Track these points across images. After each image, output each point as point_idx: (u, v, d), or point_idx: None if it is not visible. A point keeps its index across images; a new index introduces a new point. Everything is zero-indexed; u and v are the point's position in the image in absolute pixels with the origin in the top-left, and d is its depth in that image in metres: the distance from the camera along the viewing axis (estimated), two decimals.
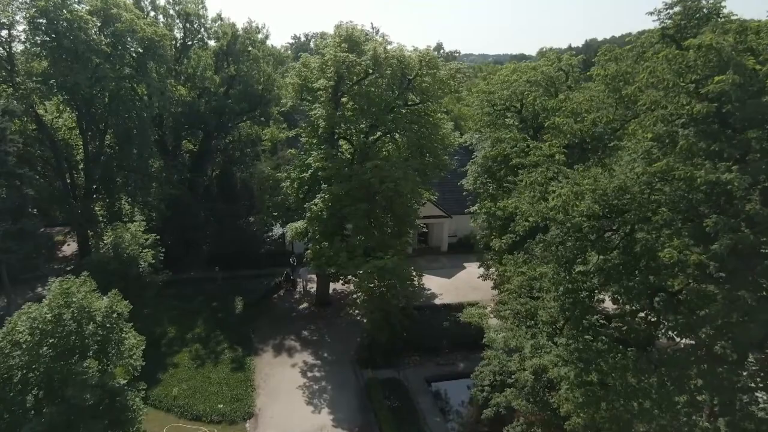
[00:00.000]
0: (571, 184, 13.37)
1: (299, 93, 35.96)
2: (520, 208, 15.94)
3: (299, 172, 34.53)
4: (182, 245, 43.39)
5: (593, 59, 32.86)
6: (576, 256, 13.75)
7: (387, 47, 32.31)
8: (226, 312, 36.53)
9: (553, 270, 13.54)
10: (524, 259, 16.17)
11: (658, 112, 12.10)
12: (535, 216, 14.55)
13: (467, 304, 36.93)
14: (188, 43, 46.90)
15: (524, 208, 15.58)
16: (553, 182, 14.80)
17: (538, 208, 14.40)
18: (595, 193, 12.95)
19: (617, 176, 12.79)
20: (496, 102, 33.48)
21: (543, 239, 14.75)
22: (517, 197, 18.07)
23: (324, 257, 30.26)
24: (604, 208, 13.05)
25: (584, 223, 12.96)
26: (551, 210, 13.61)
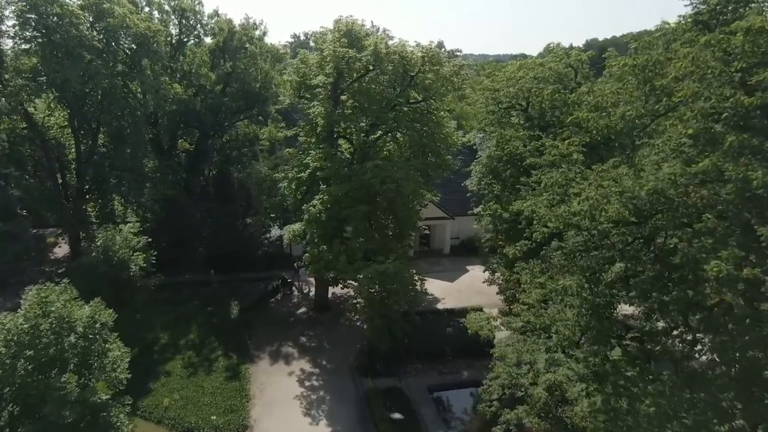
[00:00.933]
0: (596, 187, 12.07)
1: (297, 91, 34.72)
2: (537, 212, 14.61)
3: (297, 172, 33.29)
4: (177, 247, 42.14)
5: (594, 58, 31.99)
6: (602, 267, 12.47)
7: (388, 42, 31.11)
8: (222, 317, 35.28)
9: (577, 283, 12.27)
10: (541, 269, 14.90)
11: (697, 105, 10.81)
12: (556, 221, 13.22)
13: (471, 309, 35.68)
14: (184, 39, 45.68)
15: (542, 212, 14.26)
16: (573, 184, 13.56)
17: (558, 213, 13.08)
18: (623, 197, 11.66)
19: (649, 177, 11.49)
20: (501, 100, 32.28)
21: (562, 247, 13.46)
22: (532, 200, 16.79)
23: (323, 261, 29.02)
24: (634, 213, 11.77)
25: (612, 230, 11.67)
26: (575, 215, 12.28)
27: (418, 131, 32.56)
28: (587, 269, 12.45)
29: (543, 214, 14.10)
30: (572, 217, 12.54)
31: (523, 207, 15.70)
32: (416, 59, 31.06)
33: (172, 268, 39.85)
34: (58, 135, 41.62)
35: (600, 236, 11.96)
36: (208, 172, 50.41)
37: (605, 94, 12.85)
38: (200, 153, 47.79)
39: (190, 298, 37.48)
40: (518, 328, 15.30)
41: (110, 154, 40.67)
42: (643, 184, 11.26)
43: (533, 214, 14.66)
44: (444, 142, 33.89)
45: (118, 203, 41.36)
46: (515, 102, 32.41)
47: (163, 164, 43.18)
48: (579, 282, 12.14)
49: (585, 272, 12.51)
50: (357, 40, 31.57)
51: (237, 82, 44.80)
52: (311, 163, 31.10)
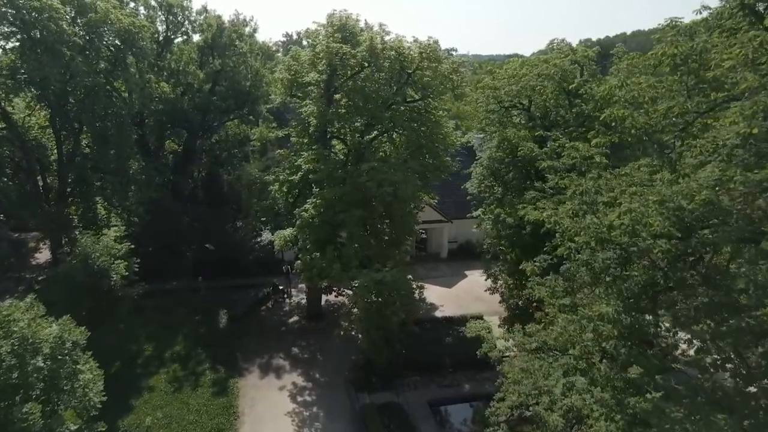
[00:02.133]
0: (639, 196, 10.47)
1: (289, 89, 33.04)
2: (561, 223, 12.97)
3: (288, 175, 31.62)
4: (164, 252, 40.43)
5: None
6: (645, 291, 10.90)
7: (384, 38, 29.55)
8: (210, 326, 33.60)
9: (615, 309, 10.65)
10: (565, 288, 13.24)
11: (760, 100, 9.30)
12: (586, 236, 11.57)
13: (471, 318, 34.08)
14: (171, 36, 43.95)
15: (566, 223, 12.63)
16: (603, 192, 11.96)
17: (588, 226, 11.43)
18: (664, 206, 10.09)
19: (693, 184, 9.92)
20: (502, 98, 30.79)
21: (589, 263, 11.81)
22: (550, 207, 15.14)
23: (315, 268, 27.35)
24: (678, 227, 10.23)
25: (657, 247, 10.09)
26: (612, 229, 10.63)
27: (416, 131, 31.03)
28: (626, 293, 10.86)
29: (568, 226, 12.46)
30: (607, 231, 10.90)
31: (542, 217, 14.05)
32: (413, 56, 29.51)
33: (159, 275, 38.19)
34: (39, 135, 39.78)
35: (640, 253, 10.38)
36: (197, 173, 48.74)
37: (642, 88, 11.33)
38: (188, 154, 46.11)
39: (177, 306, 35.71)
40: (533, 350, 13.82)
41: (93, 155, 38.93)
42: (694, 193, 9.71)
43: (556, 226, 13.03)
44: (442, 142, 32.35)
45: (102, 206, 39.52)
46: (517, 101, 30.95)
47: (149, 166, 41.42)
48: (616, 309, 10.52)
49: (623, 296, 10.91)
50: (351, 35, 29.98)
51: (226, 81, 43.17)
52: (303, 165, 29.44)
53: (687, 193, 9.78)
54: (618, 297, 10.50)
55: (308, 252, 28.15)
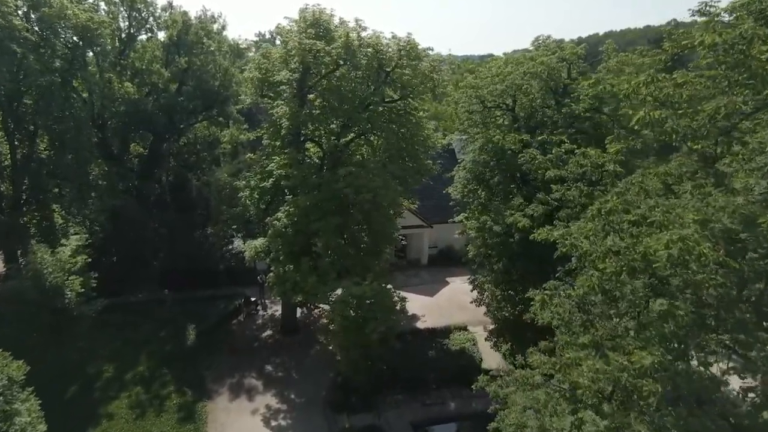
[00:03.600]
0: (676, 215, 8.74)
1: (260, 89, 30.97)
2: (578, 246, 11.11)
3: (259, 180, 29.55)
4: (128, 263, 37.99)
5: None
6: (694, 334, 9.16)
7: (361, 34, 27.69)
8: (176, 343, 31.32)
9: (659, 360, 8.86)
10: (583, 322, 11.19)
11: None
12: (615, 264, 9.75)
13: (454, 328, 32.51)
14: (134, 34, 41.48)
15: (585, 246, 10.84)
16: (631, 209, 10.29)
17: (617, 251, 9.60)
18: (708, 228, 8.40)
19: (742, 199, 8.30)
20: (485, 98, 29.25)
21: (615, 295, 10.00)
22: (563, 226, 13.32)
23: (289, 282, 25.36)
24: (733, 254, 8.56)
25: (709, 281, 8.35)
26: (651, 259, 8.76)
27: (395, 133, 29.23)
28: (673, 337, 9.03)
29: (588, 250, 10.66)
30: (641, 258, 9.14)
31: (553, 237, 12.30)
32: (392, 53, 27.74)
33: (122, 287, 35.85)
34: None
35: (685, 287, 8.63)
36: (165, 178, 46.27)
37: (677, 83, 9.68)
38: (154, 158, 43.59)
39: (141, 321, 33.27)
40: (536, 384, 12.17)
41: (50, 160, 36.36)
42: (757, 216, 8.03)
43: (573, 249, 11.19)
44: (423, 144, 30.61)
45: (59, 215, 36.93)
46: (501, 101, 29.43)
47: (110, 171, 38.92)
48: (661, 359, 8.71)
49: (668, 341, 9.12)
50: (326, 31, 28.05)
51: (193, 80, 40.85)
52: (275, 170, 27.41)
53: (735, 210, 8.13)
54: (660, 341, 8.74)
55: (281, 264, 26.14)
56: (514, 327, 26.81)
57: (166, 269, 38.49)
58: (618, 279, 9.05)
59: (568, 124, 25.16)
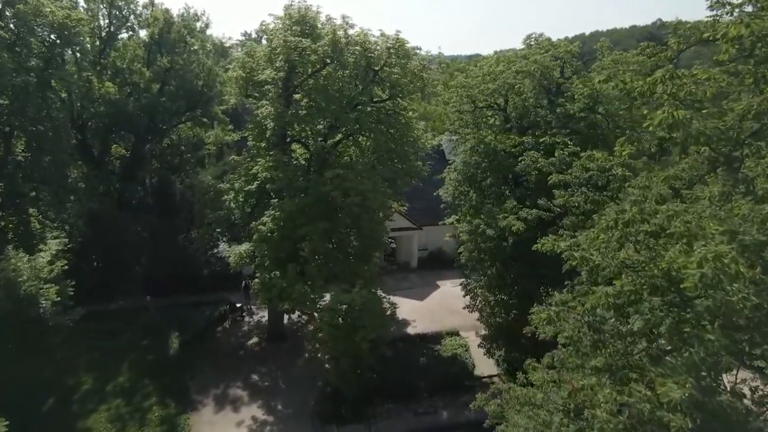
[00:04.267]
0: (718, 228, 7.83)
1: (244, 88, 29.97)
2: (589, 260, 10.17)
3: (244, 183, 28.55)
4: (108, 268, 36.83)
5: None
6: (725, 361, 8.32)
7: (348, 32, 26.83)
8: (159, 352, 30.22)
9: (689, 391, 7.96)
10: (594, 342, 10.09)
11: None
12: (636, 283, 8.77)
13: (446, 334, 31.75)
14: (114, 31, 40.28)
15: (596, 260, 9.92)
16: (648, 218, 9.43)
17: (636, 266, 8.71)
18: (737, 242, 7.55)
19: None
20: (476, 98, 28.47)
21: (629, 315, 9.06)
22: (569, 236, 12.37)
23: (275, 289, 24.38)
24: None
25: (745, 301, 7.51)
26: (687, 277, 7.76)
27: (384, 134, 28.35)
28: (702, 366, 8.11)
29: (600, 263, 9.73)
30: (665, 276, 8.27)
31: (560, 248, 11.32)
32: (380, 51, 26.91)
33: (102, 294, 34.69)
34: None
35: (716, 310, 7.78)
36: (150, 180, 45.07)
37: (699, 80, 8.84)
38: (137, 160, 42.40)
39: (122, 329, 32.08)
40: (538, 404, 11.34)
41: (27, 162, 35.07)
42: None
43: (583, 263, 10.24)
44: (412, 145, 29.79)
45: (36, 220, 35.64)
46: (492, 100, 28.67)
47: (90, 174, 37.69)
48: (691, 393, 7.81)
49: (696, 371, 8.22)
50: (311, 29, 27.18)
51: (176, 80, 39.71)
52: (259, 173, 26.44)
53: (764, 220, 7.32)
54: (689, 371, 7.88)
55: (267, 270, 25.19)
56: (508, 333, 26.04)
57: (149, 275, 37.38)
58: (636, 298, 8.23)
59: (563, 124, 24.44)
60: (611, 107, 24.36)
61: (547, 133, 25.06)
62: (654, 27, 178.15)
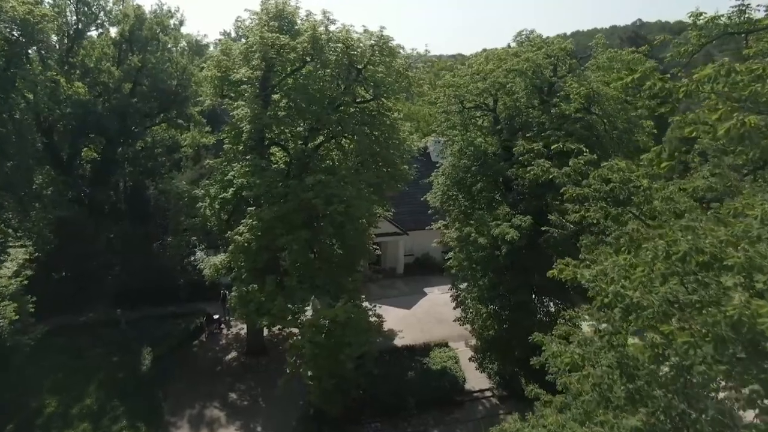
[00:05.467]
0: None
1: (219, 88, 28.33)
2: (625, 296, 8.36)
3: (219, 189, 26.82)
4: (77, 279, 34.83)
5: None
6: None
7: (329, 28, 25.26)
8: (130, 370, 28.27)
9: None
10: (629, 393, 8.43)
11: None
12: (697, 334, 7.18)
13: (435, 345, 30.26)
14: (81, 28, 38.17)
15: (635, 297, 8.17)
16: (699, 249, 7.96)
17: (686, 308, 7.20)
18: None
19: None
20: (465, 97, 27.10)
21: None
22: (590, 259, 10.73)
23: (253, 303, 22.74)
24: None
25: None
26: (746, 325, 6.36)
27: (368, 136, 26.84)
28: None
29: (639, 301, 8.04)
30: (738, 328, 6.81)
31: (584, 277, 9.66)
32: (364, 49, 25.39)
33: (70, 306, 32.78)
34: None
35: None
36: (124, 184, 42.95)
37: (758, 75, 7.40)
38: (108, 164, 40.26)
39: (90, 345, 30.13)
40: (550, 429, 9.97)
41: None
42: None
43: (617, 299, 8.53)
44: (398, 148, 28.28)
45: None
46: (481, 101, 27.32)
47: (59, 179, 35.61)
48: None
49: None
50: (290, 24, 25.62)
51: (148, 80, 37.75)
52: (235, 179, 24.75)
53: None
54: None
55: (244, 283, 23.50)
56: (501, 345, 24.72)
57: (121, 285, 35.44)
58: (693, 351, 6.76)
59: (557, 125, 23.11)
60: (608, 107, 23.10)
61: (541, 134, 23.76)
62: (634, 27, 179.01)
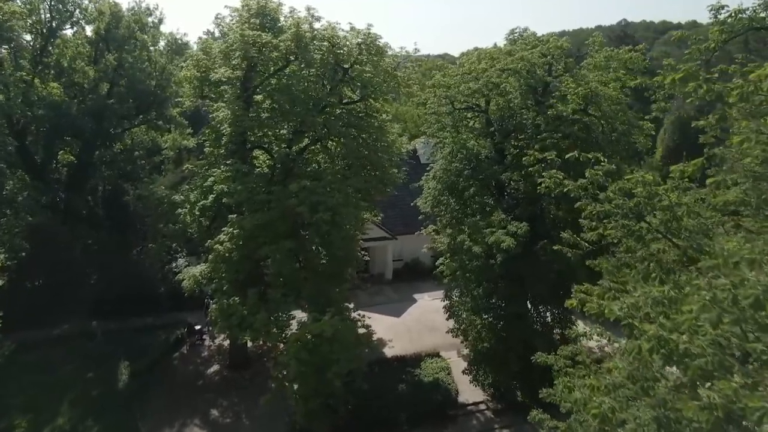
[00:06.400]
0: None
1: (199, 89, 26.99)
2: (666, 340, 7.03)
3: (198, 195, 25.47)
4: (52, 289, 33.24)
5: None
6: None
7: (314, 25, 24.04)
8: (106, 386, 26.84)
9: None
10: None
11: None
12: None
13: (426, 356, 29.10)
14: (56, 27, 36.57)
15: (683, 342, 6.84)
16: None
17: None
18: None
19: None
20: (456, 98, 26.00)
21: None
22: (618, 288, 9.27)
23: (234, 317, 21.40)
24: None
25: None
26: None
27: (355, 139, 25.66)
28: None
29: (690, 349, 6.63)
30: None
31: (613, 313, 8.29)
32: (351, 47, 24.21)
33: (44, 319, 31.20)
34: None
35: None
36: (103, 188, 41.34)
37: None
38: (85, 168, 38.63)
39: (66, 360, 28.64)
40: None
41: None
42: None
43: (662, 344, 7.11)
44: (387, 151, 27.13)
45: None
46: (472, 101, 26.23)
47: (28, 184, 34.00)
48: None
49: None
50: (273, 22, 24.39)
51: (126, 80, 36.24)
52: (215, 185, 23.44)
53: None
54: None
55: (225, 295, 22.17)
56: (497, 357, 23.64)
57: (98, 295, 33.86)
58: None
59: (554, 127, 22.07)
60: (607, 108, 22.11)
61: (537, 137, 22.72)
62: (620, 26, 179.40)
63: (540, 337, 23.21)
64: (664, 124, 52.15)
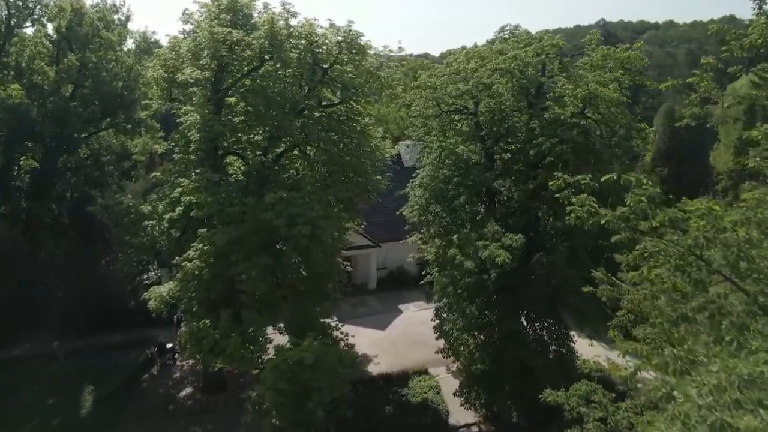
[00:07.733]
0: None
1: (167, 91, 25.03)
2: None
3: (167, 206, 23.50)
4: (12, 306, 30.91)
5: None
6: None
7: (290, 21, 22.22)
8: (68, 413, 24.74)
9: None
10: None
11: None
12: None
13: (413, 373, 27.46)
14: (14, 25, 34.27)
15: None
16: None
17: None
18: None
19: None
20: (443, 100, 24.40)
21: None
22: (682, 365, 7.60)
23: (206, 341, 19.49)
24: None
25: None
26: None
27: (336, 144, 23.91)
28: None
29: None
30: None
31: (685, 396, 6.68)
32: (330, 45, 22.45)
33: (3, 338, 29.00)
34: None
35: None
36: (71, 196, 38.98)
37: None
38: (48, 175, 36.32)
39: (26, 384, 26.50)
40: None
41: None
42: None
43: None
44: (370, 156, 25.39)
45: None
46: (461, 103, 24.64)
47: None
48: None
49: None
50: (246, 18, 22.49)
51: (90, 81, 34.02)
52: (182, 196, 21.51)
53: None
54: None
55: (195, 317, 20.24)
56: (491, 378, 22.06)
57: (63, 311, 31.63)
58: None
59: (551, 131, 20.52)
60: (607, 111, 20.64)
61: (531, 141, 21.19)
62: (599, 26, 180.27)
63: (536, 355, 21.71)
64: (654, 125, 51.21)
